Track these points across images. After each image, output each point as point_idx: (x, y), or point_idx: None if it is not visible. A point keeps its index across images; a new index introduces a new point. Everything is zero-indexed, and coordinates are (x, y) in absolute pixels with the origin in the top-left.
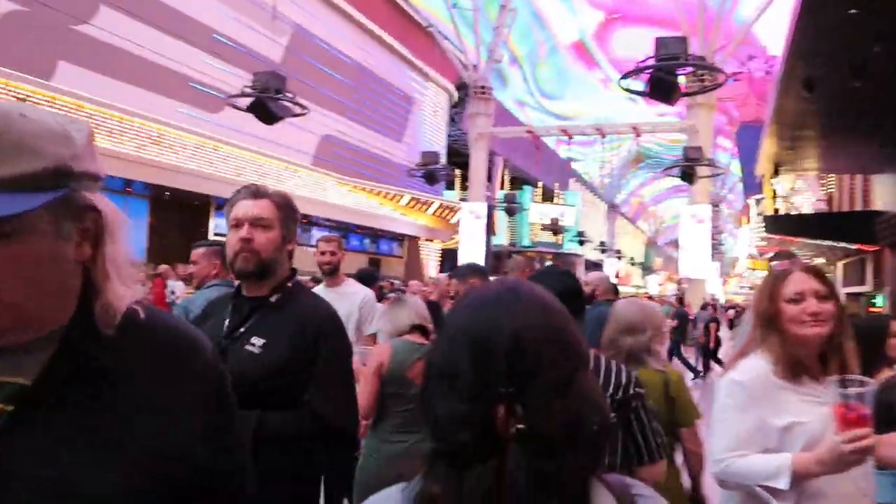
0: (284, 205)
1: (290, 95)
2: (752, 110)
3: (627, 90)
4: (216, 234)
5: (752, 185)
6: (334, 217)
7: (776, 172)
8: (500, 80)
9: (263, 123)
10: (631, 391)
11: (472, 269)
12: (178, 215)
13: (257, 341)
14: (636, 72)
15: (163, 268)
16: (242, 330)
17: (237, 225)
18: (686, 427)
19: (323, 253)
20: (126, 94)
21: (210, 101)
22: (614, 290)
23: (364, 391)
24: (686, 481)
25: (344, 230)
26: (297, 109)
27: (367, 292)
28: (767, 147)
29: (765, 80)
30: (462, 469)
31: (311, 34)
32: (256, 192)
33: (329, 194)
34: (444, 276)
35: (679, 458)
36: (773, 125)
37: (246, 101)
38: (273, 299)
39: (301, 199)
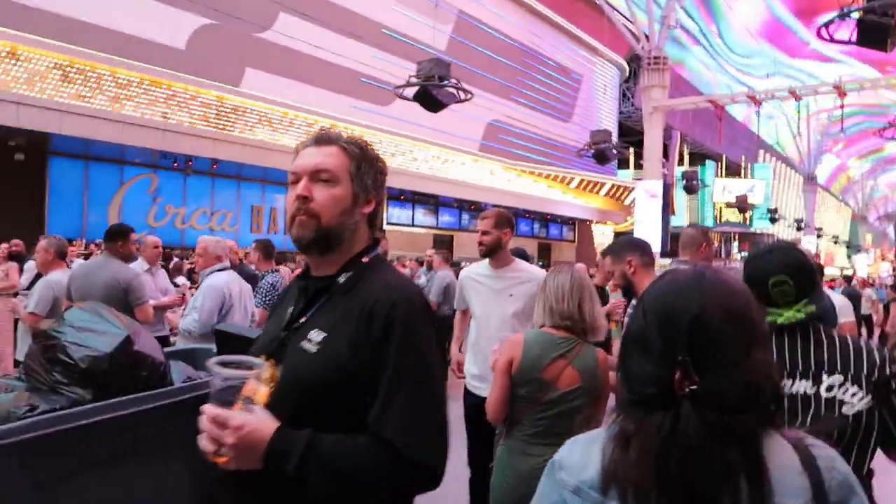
0: (358, 153)
1: (453, 82)
2: None
3: (831, 40)
4: (389, 224)
5: None
6: (502, 202)
7: None
8: (679, 45)
9: (429, 112)
10: (888, 371)
11: (630, 244)
12: None
13: (316, 336)
14: (842, 16)
15: None
16: (303, 320)
17: (295, 180)
18: None
19: (478, 232)
20: (305, 94)
21: (380, 94)
22: (819, 268)
23: (492, 392)
24: None
25: (513, 216)
26: (462, 95)
27: (543, 273)
28: None
29: None
30: (647, 415)
31: (475, 19)
32: (321, 137)
33: (496, 180)
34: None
35: None
36: None
37: (413, 91)
38: (342, 279)
39: (469, 186)
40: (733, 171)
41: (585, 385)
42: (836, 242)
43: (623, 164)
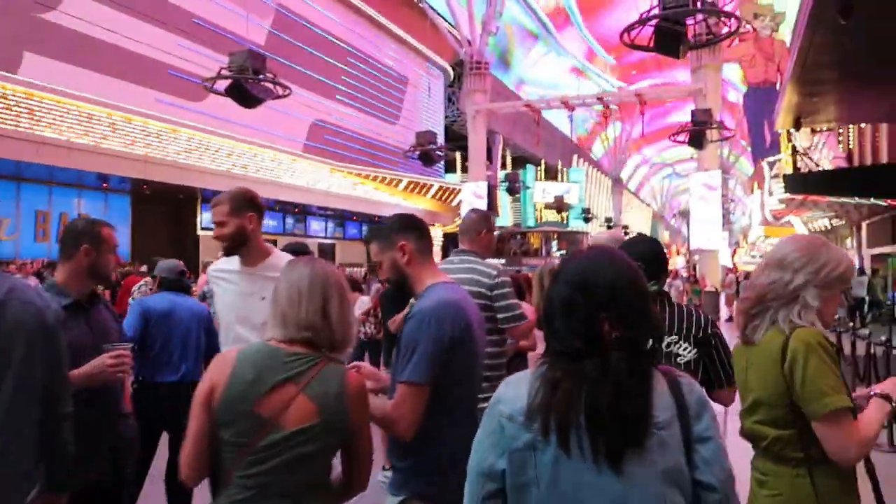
0: None
1: (270, 76)
2: (760, 72)
3: (631, 46)
4: (204, 229)
5: (761, 150)
6: (330, 205)
7: (797, 126)
8: (503, 64)
9: (243, 107)
10: (709, 330)
11: (402, 224)
12: (163, 210)
13: None
14: (640, 23)
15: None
16: None
17: None
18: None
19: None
20: (99, 85)
21: (191, 89)
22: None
23: (186, 439)
24: None
25: (340, 219)
26: (280, 91)
27: None
28: (788, 97)
29: (772, 39)
30: (577, 363)
31: (296, 14)
32: None
33: (323, 182)
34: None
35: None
36: (798, 67)
37: (226, 86)
38: None
39: (294, 189)
40: (551, 174)
41: (324, 421)
42: None
43: (450, 167)
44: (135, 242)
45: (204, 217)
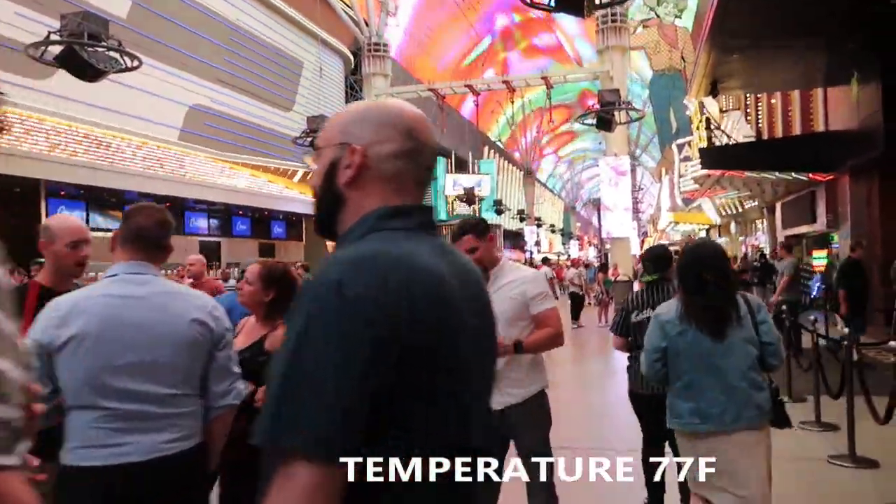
0: None
1: (113, 43)
2: (664, 59)
3: (531, 5)
4: None
5: (667, 135)
6: (214, 199)
7: (714, 92)
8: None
9: (80, 79)
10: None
11: None
12: None
13: None
14: None
15: None
16: None
17: None
18: None
19: None
20: None
21: (31, 63)
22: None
23: None
24: None
25: (225, 214)
26: (128, 62)
27: None
28: (704, 59)
29: (675, 26)
30: (694, 295)
31: None
32: None
33: (206, 173)
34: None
35: None
36: (719, 20)
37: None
38: None
39: (168, 181)
40: (462, 166)
41: None
42: (553, 231)
43: None
44: None
45: (51, 213)
